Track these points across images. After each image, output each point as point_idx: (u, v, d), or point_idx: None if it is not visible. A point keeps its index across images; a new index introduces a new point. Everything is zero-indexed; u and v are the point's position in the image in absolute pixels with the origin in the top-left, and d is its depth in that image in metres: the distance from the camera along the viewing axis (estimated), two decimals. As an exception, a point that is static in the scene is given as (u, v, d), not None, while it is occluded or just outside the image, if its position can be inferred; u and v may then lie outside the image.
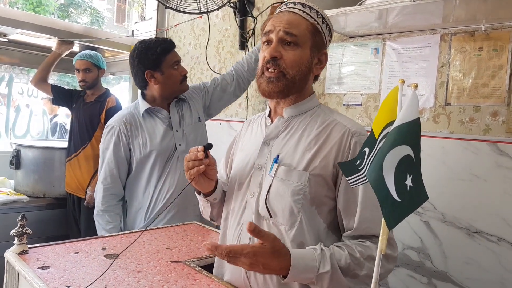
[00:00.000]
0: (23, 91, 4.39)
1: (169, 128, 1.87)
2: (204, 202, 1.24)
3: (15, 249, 1.21)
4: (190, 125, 1.92)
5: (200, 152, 1.07)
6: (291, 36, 1.07)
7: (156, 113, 1.88)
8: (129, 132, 1.84)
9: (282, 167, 1.08)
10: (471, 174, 1.57)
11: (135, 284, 1.08)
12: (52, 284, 1.04)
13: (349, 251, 1.00)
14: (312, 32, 1.10)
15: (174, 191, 1.84)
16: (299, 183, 1.05)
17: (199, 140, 1.93)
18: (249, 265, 0.90)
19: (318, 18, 1.11)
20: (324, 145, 1.07)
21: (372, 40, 1.91)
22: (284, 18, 1.09)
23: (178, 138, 1.87)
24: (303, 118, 1.14)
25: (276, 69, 1.07)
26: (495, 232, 1.50)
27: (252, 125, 1.28)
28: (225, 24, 2.70)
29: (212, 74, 2.75)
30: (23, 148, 2.64)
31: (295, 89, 1.11)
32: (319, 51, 1.13)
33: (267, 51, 1.09)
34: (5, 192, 2.49)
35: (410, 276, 1.71)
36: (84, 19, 15.13)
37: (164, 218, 1.86)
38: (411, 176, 0.67)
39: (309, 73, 1.12)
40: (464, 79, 1.63)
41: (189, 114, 1.95)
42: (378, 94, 1.88)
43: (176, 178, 1.85)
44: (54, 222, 2.56)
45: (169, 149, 1.85)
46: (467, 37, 1.62)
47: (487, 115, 1.56)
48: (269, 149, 1.14)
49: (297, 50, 1.08)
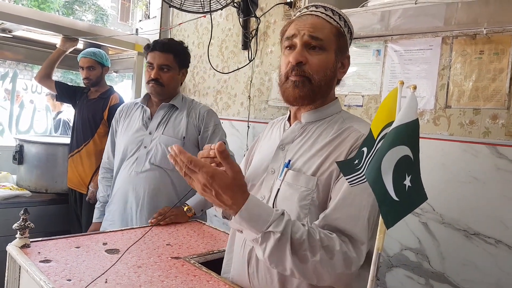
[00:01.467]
0: (27, 87, 4.41)
1: (143, 127, 1.90)
2: None
3: (17, 242, 1.23)
4: (167, 136, 1.86)
5: (213, 150, 1.06)
6: (316, 40, 1.04)
7: (144, 110, 1.95)
8: (119, 118, 2.03)
9: (291, 172, 1.06)
10: (470, 177, 1.58)
11: (135, 279, 1.09)
12: (53, 277, 1.06)
13: (310, 231, 0.92)
14: (336, 35, 1.06)
15: (120, 188, 1.87)
16: (307, 188, 1.02)
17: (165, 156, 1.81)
18: (202, 185, 0.86)
19: (340, 21, 1.08)
20: (335, 150, 1.04)
21: (374, 42, 1.92)
22: (308, 22, 1.06)
23: (146, 140, 1.86)
24: (320, 124, 1.11)
25: (301, 75, 1.04)
26: (493, 234, 1.51)
27: (273, 128, 1.26)
28: (228, 23, 2.72)
29: (215, 73, 2.76)
30: (26, 144, 2.66)
31: (321, 94, 1.08)
32: (343, 55, 1.10)
33: (291, 56, 1.04)
34: (8, 187, 2.51)
35: (407, 277, 1.72)
36: (88, 16, 15.18)
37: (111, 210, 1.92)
38: (409, 176, 0.68)
39: (334, 77, 1.09)
40: (464, 82, 1.64)
41: (174, 126, 1.89)
42: (379, 96, 1.89)
43: (126, 177, 1.85)
44: (56, 217, 2.57)
45: (135, 146, 1.88)
46: (469, 40, 1.63)
47: (487, 118, 1.57)
48: (284, 154, 1.11)
49: (323, 54, 1.05)
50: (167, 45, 1.88)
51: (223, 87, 2.76)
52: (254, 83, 2.52)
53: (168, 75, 1.87)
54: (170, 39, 2.07)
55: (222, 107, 2.75)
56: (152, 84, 1.85)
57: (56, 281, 1.03)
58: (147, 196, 1.81)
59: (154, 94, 1.90)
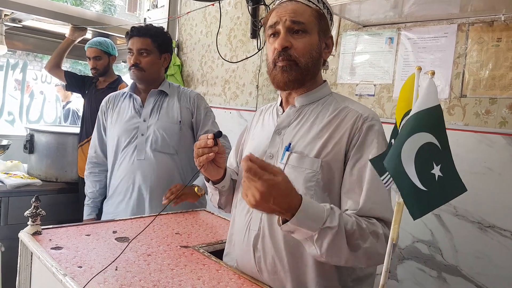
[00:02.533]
0: (37, 77, 4.43)
1: (136, 115, 1.90)
2: (212, 190, 1.25)
3: (29, 229, 1.24)
4: (163, 122, 1.87)
5: (210, 140, 1.08)
6: (298, 24, 1.07)
7: (133, 98, 1.94)
8: (106, 109, 1.99)
9: (294, 155, 1.08)
10: (485, 167, 1.54)
11: (145, 267, 1.09)
12: (64, 264, 1.06)
13: (356, 221, 0.96)
14: (317, 17, 1.10)
15: (124, 177, 1.87)
16: (312, 170, 1.05)
17: (166, 142, 1.85)
18: (261, 193, 0.84)
19: (319, 4, 1.12)
20: (336, 131, 1.07)
21: (387, 30, 1.88)
22: (288, 8, 1.09)
23: (142, 128, 1.87)
24: (315, 106, 1.14)
25: (288, 59, 1.07)
26: (509, 227, 1.48)
27: (264, 115, 1.28)
28: (237, 12, 2.68)
29: (223, 62, 2.74)
30: (36, 133, 2.67)
31: (309, 76, 1.11)
32: (326, 36, 1.14)
33: (277, 42, 1.08)
34: (19, 176, 2.52)
35: (419, 269, 1.70)
36: (96, 7, 15.17)
37: (115, 201, 1.91)
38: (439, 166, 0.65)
39: (320, 58, 1.13)
40: (480, 70, 1.59)
41: (168, 111, 1.90)
42: (392, 85, 1.85)
43: (129, 166, 1.86)
44: (66, 206, 2.59)
45: (130, 135, 1.87)
46: (486, 27, 1.58)
47: (504, 108, 1.53)
48: (281, 138, 1.14)
49: (306, 37, 1.08)
50: (143, 30, 1.89)
51: (231, 77, 2.74)
52: (263, 73, 2.49)
53: (147, 59, 1.87)
54: (148, 24, 2.03)
55: (230, 96, 2.73)
56: (133, 70, 1.86)
57: (68, 268, 1.03)
58: (155, 181, 1.82)
59: (136, 79, 1.90)
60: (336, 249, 0.92)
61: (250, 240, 1.10)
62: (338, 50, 2.06)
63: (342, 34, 2.04)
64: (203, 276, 1.07)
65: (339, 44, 2.06)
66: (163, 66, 1.96)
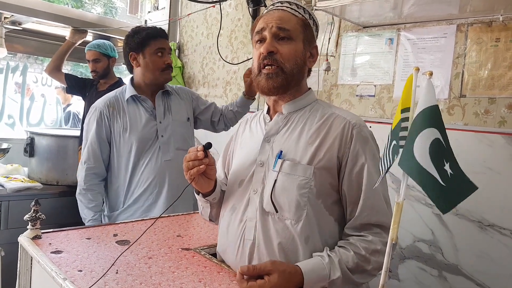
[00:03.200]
0: (37, 80, 4.44)
1: (152, 118, 1.90)
2: (203, 202, 1.25)
3: (29, 233, 1.24)
4: (178, 121, 1.96)
5: (200, 152, 1.07)
6: (284, 31, 1.10)
7: (141, 101, 1.91)
8: (111, 115, 1.88)
9: (287, 162, 1.09)
10: (485, 167, 1.54)
11: (146, 270, 1.09)
12: (64, 268, 1.06)
13: (354, 250, 1.02)
14: (302, 26, 1.13)
15: (154, 179, 1.87)
16: (305, 177, 1.06)
17: (185, 139, 1.96)
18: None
19: (305, 14, 1.15)
20: (326, 138, 1.09)
21: (387, 30, 1.88)
22: (275, 16, 1.12)
23: (161, 129, 1.90)
24: (302, 113, 1.16)
25: (274, 65, 1.10)
26: (509, 225, 1.48)
27: (250, 123, 1.29)
28: (237, 13, 2.69)
29: (224, 64, 2.74)
30: (37, 136, 2.67)
31: (294, 82, 1.13)
32: (311, 45, 1.17)
33: (263, 47, 1.10)
34: (19, 179, 2.52)
35: (420, 269, 1.70)
36: (97, 9, 15.20)
37: (143, 205, 1.88)
38: (448, 163, 0.65)
39: (304, 66, 1.16)
40: (480, 71, 1.59)
41: (178, 110, 1.98)
42: (392, 85, 1.85)
43: (157, 167, 1.88)
44: (67, 209, 2.58)
45: (151, 138, 1.88)
46: (484, 28, 1.58)
47: (503, 107, 1.53)
48: (270, 146, 1.14)
49: (292, 44, 1.11)
50: (165, 33, 1.96)
51: (232, 78, 2.74)
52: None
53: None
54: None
55: (232, 98, 2.73)
56: (168, 71, 1.93)
57: (67, 272, 1.03)
58: (183, 178, 1.81)
59: (168, 80, 1.95)
60: (350, 285, 1.01)
61: (245, 250, 1.10)
62: (339, 51, 2.06)
63: (342, 35, 2.05)
64: (204, 279, 1.07)
65: (340, 45, 2.06)
66: None
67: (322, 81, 2.12)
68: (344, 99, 2.04)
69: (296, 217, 1.05)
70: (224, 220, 1.21)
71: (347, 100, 2.02)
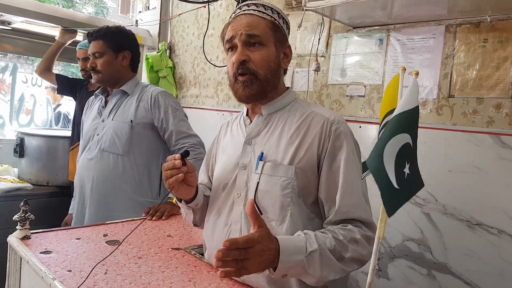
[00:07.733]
0: (27, 80, 4.40)
1: (98, 115, 1.95)
2: (186, 209, 1.24)
3: (18, 234, 1.23)
4: (118, 121, 1.86)
5: (178, 161, 1.06)
6: (254, 37, 1.10)
7: (100, 98, 2.00)
8: (85, 112, 2.08)
9: (268, 163, 1.09)
10: (473, 166, 1.56)
11: (136, 270, 1.09)
12: (53, 268, 1.05)
13: (333, 235, 1.00)
14: (272, 29, 1.13)
15: (75, 178, 1.95)
16: (287, 177, 1.06)
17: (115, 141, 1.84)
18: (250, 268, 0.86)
19: (274, 15, 1.14)
20: (306, 137, 1.09)
21: (377, 31, 1.89)
22: (243, 22, 1.12)
23: (99, 128, 1.91)
24: (282, 113, 1.16)
25: (247, 73, 1.10)
26: (496, 224, 1.50)
27: (231, 126, 1.29)
28: (228, 14, 2.69)
29: (213, 66, 2.74)
30: (27, 137, 2.65)
31: (270, 87, 1.13)
32: (283, 46, 1.17)
33: (234, 57, 1.10)
34: (9, 180, 2.50)
35: (409, 268, 1.71)
36: (88, 9, 15.09)
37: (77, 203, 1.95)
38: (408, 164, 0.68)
39: (278, 68, 1.16)
40: (468, 71, 1.61)
41: (124, 111, 1.88)
42: (382, 85, 1.87)
43: (78, 166, 1.94)
44: (57, 210, 2.57)
45: (90, 135, 1.93)
46: (472, 29, 1.60)
47: (491, 107, 1.55)
48: (252, 148, 1.14)
49: (263, 49, 1.11)
50: (95, 33, 1.93)
51: (223, 79, 2.74)
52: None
53: (101, 60, 1.90)
54: (103, 26, 1.99)
55: (223, 98, 2.73)
56: (93, 74, 1.93)
57: (57, 272, 1.03)
58: (96, 182, 1.84)
59: (96, 82, 1.94)
60: (328, 267, 0.96)
61: None
62: (329, 52, 2.07)
63: (332, 35, 2.06)
64: (194, 278, 1.07)
65: (330, 45, 2.07)
66: (123, 65, 1.95)
67: (312, 82, 2.13)
68: (334, 100, 2.05)
69: (280, 218, 1.06)
70: (209, 224, 1.21)
71: (337, 101, 2.03)
